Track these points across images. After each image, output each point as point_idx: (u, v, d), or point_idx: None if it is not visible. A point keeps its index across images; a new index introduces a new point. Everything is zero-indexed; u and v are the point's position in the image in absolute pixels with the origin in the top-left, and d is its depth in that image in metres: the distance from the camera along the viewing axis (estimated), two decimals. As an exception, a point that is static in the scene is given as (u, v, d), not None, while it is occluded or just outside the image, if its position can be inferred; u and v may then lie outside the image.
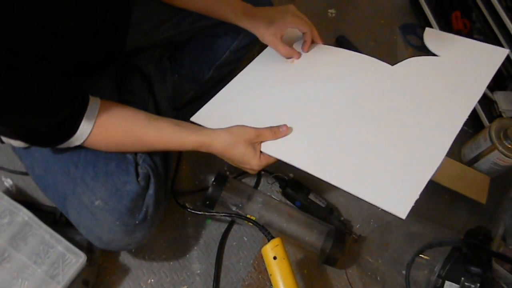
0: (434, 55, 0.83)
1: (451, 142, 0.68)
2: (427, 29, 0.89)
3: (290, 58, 0.88)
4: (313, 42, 0.90)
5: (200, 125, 0.78)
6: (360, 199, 0.65)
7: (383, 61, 0.84)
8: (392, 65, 0.83)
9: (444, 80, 0.78)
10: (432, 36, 0.87)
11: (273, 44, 0.86)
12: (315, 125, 0.76)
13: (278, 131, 0.74)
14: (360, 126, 0.74)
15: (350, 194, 0.66)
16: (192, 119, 0.80)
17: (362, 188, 0.66)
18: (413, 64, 0.82)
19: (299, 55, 0.88)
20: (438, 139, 0.69)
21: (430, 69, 0.81)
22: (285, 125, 0.74)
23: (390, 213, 0.62)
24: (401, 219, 0.61)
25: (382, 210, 0.63)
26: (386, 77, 0.81)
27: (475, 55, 0.81)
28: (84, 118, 0.63)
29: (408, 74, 0.81)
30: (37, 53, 0.56)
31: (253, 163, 0.73)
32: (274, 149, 0.73)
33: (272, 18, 0.85)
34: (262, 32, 0.85)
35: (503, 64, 1.27)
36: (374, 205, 0.64)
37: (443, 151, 0.67)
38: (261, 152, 0.74)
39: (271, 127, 0.74)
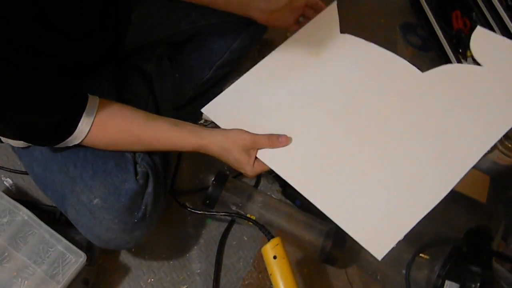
0: (476, 63, 0.73)
1: (450, 188, 0.65)
2: (478, 28, 0.74)
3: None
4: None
5: (204, 124, 0.78)
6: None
7: (411, 63, 0.76)
8: (422, 70, 0.75)
9: (477, 104, 0.69)
10: (481, 38, 0.74)
11: (279, 23, 0.86)
12: (318, 140, 0.73)
13: (276, 141, 0.72)
14: (364, 153, 0.70)
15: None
16: (203, 110, 0.80)
17: (345, 220, 0.65)
18: (447, 76, 0.72)
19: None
20: (439, 181, 0.65)
21: (467, 80, 0.71)
22: (285, 135, 0.73)
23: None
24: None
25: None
26: (410, 91, 0.73)
27: None
28: (83, 116, 0.64)
29: (437, 90, 0.72)
30: (36, 49, 0.56)
31: (247, 169, 0.73)
32: (269, 158, 0.72)
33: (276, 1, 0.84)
34: (267, 18, 0.85)
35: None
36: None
37: (439, 197, 0.64)
38: (256, 158, 0.73)
39: (269, 136, 0.73)
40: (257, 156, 0.73)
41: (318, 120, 0.75)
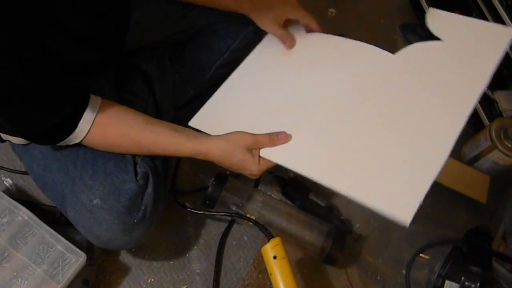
0: (437, 38, 0.78)
1: (454, 141, 0.65)
2: (430, 9, 0.82)
3: (283, 41, 0.86)
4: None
5: (199, 131, 0.77)
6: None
7: (383, 49, 0.80)
8: (393, 53, 0.79)
9: (448, 67, 0.74)
10: (436, 18, 0.81)
11: (272, 29, 0.86)
12: (314, 126, 0.74)
13: (276, 139, 0.72)
14: (361, 127, 0.72)
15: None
16: (190, 124, 0.80)
17: (363, 193, 0.65)
18: (415, 51, 0.78)
19: (292, 41, 0.86)
20: (441, 137, 0.66)
21: (433, 56, 0.76)
22: (283, 132, 0.73)
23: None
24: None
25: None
26: (387, 69, 0.77)
27: (481, 37, 0.75)
28: (84, 115, 0.64)
29: (409, 63, 0.77)
30: (44, 47, 0.57)
31: (253, 169, 0.72)
32: (273, 154, 0.72)
33: (272, 4, 0.85)
34: (262, 17, 0.85)
35: (503, 63, 1.26)
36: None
37: (447, 151, 0.65)
38: (260, 156, 0.73)
39: (269, 134, 0.72)
40: (260, 155, 0.73)
41: (308, 110, 0.77)
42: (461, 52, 0.75)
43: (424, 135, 0.68)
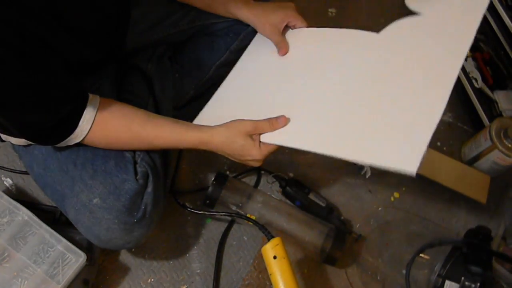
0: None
1: (449, 92, 0.65)
2: None
3: (279, 48, 0.88)
4: None
5: None
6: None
7: (369, 31, 0.84)
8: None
9: (432, 35, 0.76)
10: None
11: (272, 34, 0.87)
12: (311, 106, 0.76)
13: (276, 123, 0.74)
14: (354, 96, 0.74)
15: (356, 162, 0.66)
16: (195, 122, 0.81)
17: (368, 154, 0.65)
18: (398, 26, 0.81)
19: (287, 49, 0.88)
20: (436, 91, 0.67)
21: (415, 28, 0.79)
22: (283, 116, 0.74)
23: (400, 173, 0.61)
24: (412, 174, 0.60)
25: (392, 168, 0.62)
26: (374, 46, 0.80)
27: (458, 5, 0.78)
28: (84, 114, 0.64)
29: (395, 37, 0.80)
30: (46, 44, 0.57)
31: (254, 153, 0.73)
32: (273, 137, 0.74)
33: (273, 10, 0.86)
34: (263, 22, 0.86)
35: (503, 63, 1.26)
36: (382, 168, 0.63)
37: (445, 96, 0.65)
38: (260, 142, 0.74)
39: (269, 119, 0.74)
40: (260, 140, 0.74)
41: (305, 93, 0.79)
42: (442, 21, 0.78)
43: (419, 91, 0.69)
